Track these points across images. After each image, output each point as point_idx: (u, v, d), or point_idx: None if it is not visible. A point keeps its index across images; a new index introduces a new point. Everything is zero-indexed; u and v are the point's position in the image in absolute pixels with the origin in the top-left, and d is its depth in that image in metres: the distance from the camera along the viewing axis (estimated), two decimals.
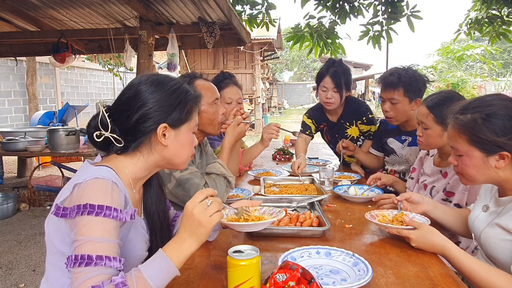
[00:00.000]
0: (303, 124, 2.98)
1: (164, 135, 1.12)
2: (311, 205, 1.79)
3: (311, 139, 3.03)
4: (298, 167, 2.46)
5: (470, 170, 1.30)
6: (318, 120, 2.94)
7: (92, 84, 12.85)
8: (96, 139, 1.09)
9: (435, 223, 1.50)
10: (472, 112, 1.27)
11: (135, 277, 0.90)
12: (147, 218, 1.23)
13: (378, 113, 10.42)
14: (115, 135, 1.10)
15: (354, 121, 2.79)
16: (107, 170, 1.04)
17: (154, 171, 1.20)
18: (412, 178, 2.11)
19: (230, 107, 2.39)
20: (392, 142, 2.49)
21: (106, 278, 0.88)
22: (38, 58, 8.80)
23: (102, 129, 1.09)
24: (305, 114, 3.04)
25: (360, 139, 2.84)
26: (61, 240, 1.03)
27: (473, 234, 1.44)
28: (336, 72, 2.63)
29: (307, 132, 2.94)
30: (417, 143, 1.96)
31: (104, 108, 1.12)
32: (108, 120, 1.10)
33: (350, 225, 1.60)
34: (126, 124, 1.10)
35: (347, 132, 2.83)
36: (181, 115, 1.14)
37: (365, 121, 2.76)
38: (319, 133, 3.04)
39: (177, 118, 1.13)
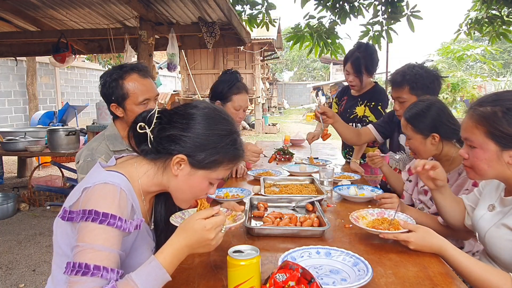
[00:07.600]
0: (330, 105, 3.25)
1: (180, 165, 1.09)
2: (311, 205, 1.79)
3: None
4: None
5: (481, 164, 1.28)
6: (341, 94, 3.17)
7: (92, 84, 12.83)
8: (139, 130, 1.10)
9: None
10: (492, 105, 1.25)
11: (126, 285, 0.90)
12: (156, 228, 1.23)
13: None
14: (151, 135, 1.11)
15: (366, 102, 2.89)
16: (119, 176, 1.04)
17: (164, 190, 1.18)
18: (410, 181, 2.05)
19: (237, 114, 2.42)
20: (401, 138, 2.45)
21: None
22: (38, 58, 8.80)
23: (146, 125, 1.11)
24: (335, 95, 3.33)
25: (363, 120, 2.89)
26: (67, 243, 1.03)
27: (477, 234, 1.43)
28: (357, 59, 2.77)
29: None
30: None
31: (160, 109, 1.13)
32: (155, 120, 1.11)
33: (350, 225, 1.59)
34: (161, 132, 1.10)
35: (355, 110, 2.93)
36: (205, 160, 1.08)
37: (371, 106, 2.85)
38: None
39: (199, 160, 1.08)
